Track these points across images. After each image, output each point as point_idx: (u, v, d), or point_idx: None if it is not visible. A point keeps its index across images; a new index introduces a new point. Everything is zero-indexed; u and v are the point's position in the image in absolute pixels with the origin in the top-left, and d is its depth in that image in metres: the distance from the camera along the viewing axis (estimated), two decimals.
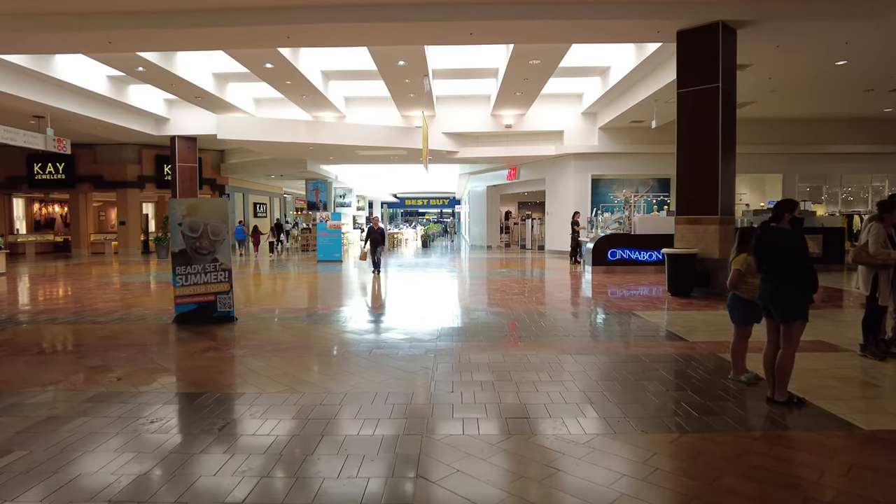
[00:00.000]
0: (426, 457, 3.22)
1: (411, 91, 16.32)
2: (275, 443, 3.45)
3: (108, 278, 13.89)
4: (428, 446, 3.38)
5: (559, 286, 11.62)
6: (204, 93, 16.88)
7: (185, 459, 3.20)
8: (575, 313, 8.23)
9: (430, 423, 3.77)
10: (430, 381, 4.73)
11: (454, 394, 4.37)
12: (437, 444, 3.41)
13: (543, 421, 3.80)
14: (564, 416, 3.85)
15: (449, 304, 9.04)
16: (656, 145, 19.85)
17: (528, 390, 4.45)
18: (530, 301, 9.20)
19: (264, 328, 7.16)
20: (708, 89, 9.66)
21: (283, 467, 3.11)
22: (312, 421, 3.82)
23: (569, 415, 3.89)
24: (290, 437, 3.55)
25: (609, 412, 3.95)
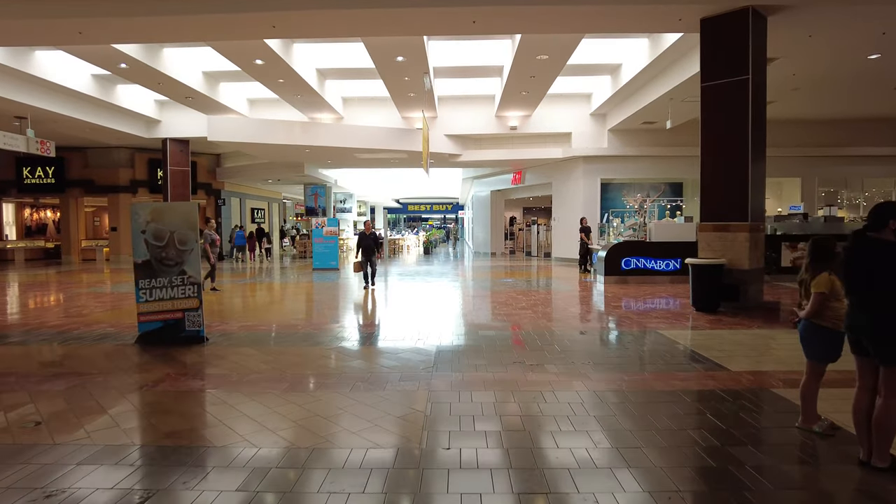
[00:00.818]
0: None
1: (411, 90, 15.45)
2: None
3: (88, 288, 13.02)
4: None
5: (570, 299, 10.67)
6: (194, 93, 16.04)
7: None
8: (591, 332, 7.27)
9: (417, 500, 2.84)
10: (421, 430, 3.79)
11: (450, 452, 3.42)
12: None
13: (570, 498, 2.85)
14: (597, 490, 2.90)
15: (449, 321, 8.09)
16: (669, 147, 18.92)
17: (546, 445, 3.50)
18: (539, 317, 8.26)
19: (236, 352, 6.23)
20: (736, 82, 8.72)
21: None
22: (262, 495, 2.89)
23: (602, 487, 2.94)
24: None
25: (655, 481, 3.00)
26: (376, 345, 6.61)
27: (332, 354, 6.06)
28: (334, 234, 17.48)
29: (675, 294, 10.92)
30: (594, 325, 7.83)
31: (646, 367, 5.38)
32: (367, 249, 12.33)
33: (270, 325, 7.88)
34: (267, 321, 8.18)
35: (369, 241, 12.39)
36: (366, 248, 12.34)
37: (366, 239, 12.40)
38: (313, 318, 8.40)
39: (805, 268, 3.66)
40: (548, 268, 18.16)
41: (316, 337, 6.97)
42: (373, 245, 12.41)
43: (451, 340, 6.68)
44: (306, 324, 7.91)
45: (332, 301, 10.61)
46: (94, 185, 23.43)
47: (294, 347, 6.43)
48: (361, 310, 9.36)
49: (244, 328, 7.62)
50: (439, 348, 6.26)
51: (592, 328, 7.59)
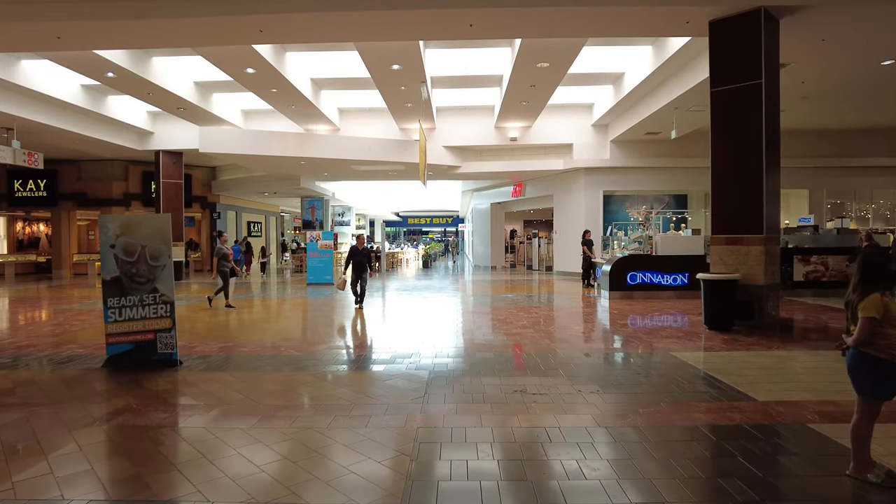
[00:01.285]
0: None
1: (408, 100, 15.04)
2: None
3: (71, 304, 12.47)
4: None
5: (574, 316, 10.11)
6: (186, 103, 15.64)
7: None
8: (597, 354, 6.70)
9: None
10: (405, 481, 3.23)
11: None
12: None
13: None
14: None
15: (444, 341, 7.53)
16: (673, 158, 18.48)
17: (554, 502, 2.95)
18: (542, 336, 7.70)
19: (210, 378, 5.68)
20: (748, 87, 8.24)
21: None
22: None
23: None
24: None
25: None
26: (365, 369, 6.05)
27: (314, 381, 5.50)
28: (329, 248, 16.97)
29: (684, 310, 10.37)
30: (601, 346, 7.27)
31: (661, 396, 4.82)
32: (359, 266, 11.49)
33: (253, 346, 7.33)
34: (249, 342, 7.62)
35: (361, 256, 11.55)
36: (357, 265, 11.51)
37: (357, 254, 11.57)
38: (300, 339, 7.84)
39: (853, 287, 3.13)
40: (550, 282, 17.61)
41: (299, 361, 6.42)
42: (365, 261, 11.57)
43: (446, 364, 6.12)
44: (291, 345, 7.36)
45: (323, 319, 10.06)
46: (87, 198, 23.00)
47: (274, 373, 5.87)
48: (353, 329, 8.80)
49: (224, 350, 7.07)
50: (433, 373, 5.71)
51: (599, 349, 7.03)
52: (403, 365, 6.10)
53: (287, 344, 7.42)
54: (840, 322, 8.87)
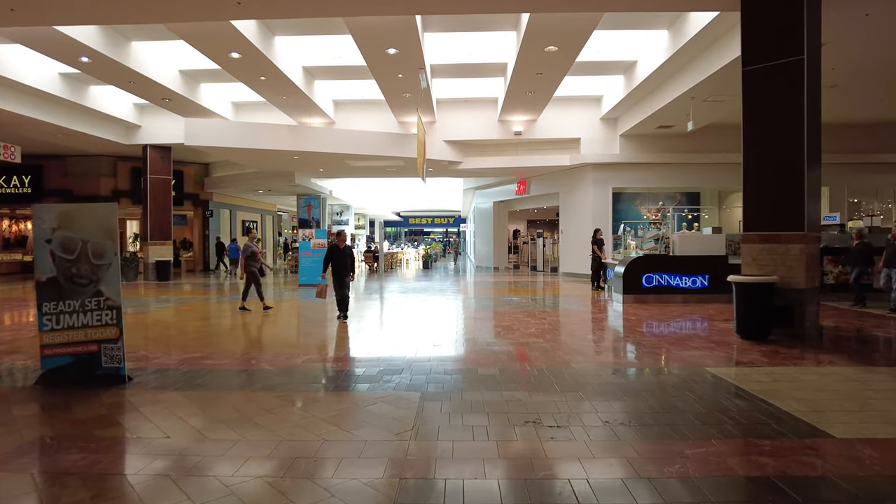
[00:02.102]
0: None
1: (406, 90, 14.09)
2: None
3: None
4: None
5: (587, 322, 9.13)
6: (171, 93, 14.73)
7: None
8: (620, 370, 5.71)
9: None
10: None
11: None
12: None
13: None
14: None
15: (442, 353, 6.55)
16: (686, 154, 17.51)
17: None
18: (553, 347, 6.73)
19: (159, 398, 4.73)
20: (787, 65, 7.26)
21: None
22: None
23: None
24: None
25: None
26: (345, 389, 5.08)
27: (280, 406, 4.53)
28: (323, 247, 16.02)
29: (707, 315, 9.39)
30: (622, 360, 6.28)
31: (710, 430, 3.84)
32: (339, 269, 9.28)
33: (221, 357, 6.37)
34: (218, 352, 6.67)
35: (341, 257, 9.34)
36: (337, 268, 9.30)
37: (337, 254, 9.35)
38: (277, 350, 6.88)
39: None
40: (556, 284, 16.63)
41: (270, 377, 5.45)
42: (346, 263, 9.35)
43: (443, 382, 5.16)
44: (265, 357, 6.40)
45: (309, 325, 9.10)
46: (74, 195, 22.07)
47: (237, 392, 4.92)
48: (339, 337, 7.83)
49: (186, 362, 6.11)
50: (426, 395, 4.74)
51: (621, 364, 6.04)
52: (392, 383, 5.14)
53: (261, 356, 6.46)
54: (889, 330, 7.89)
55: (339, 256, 9.32)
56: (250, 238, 11.23)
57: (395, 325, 8.87)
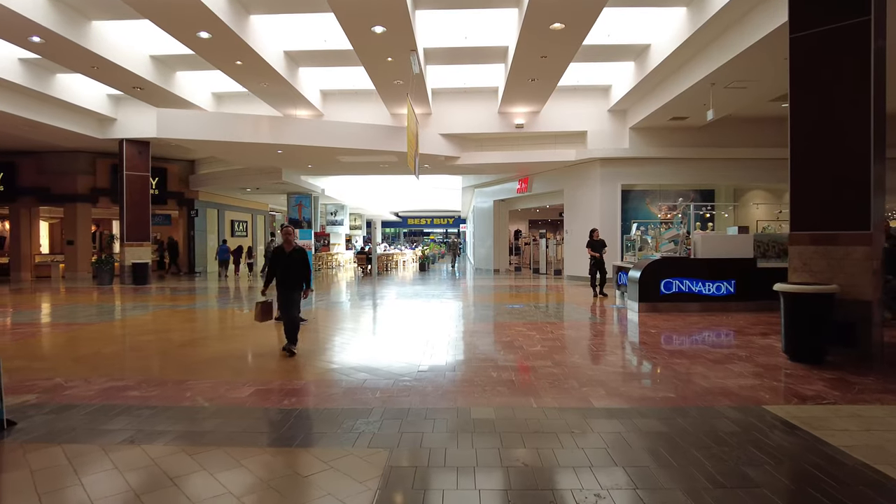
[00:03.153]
0: None
1: (397, 75, 12.84)
2: None
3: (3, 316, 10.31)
4: None
5: (602, 337, 7.85)
6: (142, 81, 13.51)
7: None
8: (658, 413, 4.39)
9: None
10: None
11: None
12: None
13: None
14: None
15: (426, 381, 5.28)
16: (701, 148, 16.26)
17: None
18: (566, 374, 5.45)
19: (40, 455, 3.49)
20: (848, 28, 5.98)
21: None
22: None
23: None
24: None
25: None
26: (290, 441, 3.80)
27: (193, 473, 3.27)
28: (308, 249, 14.74)
29: (738, 328, 8.11)
30: (656, 394, 4.91)
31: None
32: (287, 278, 6.64)
33: (151, 386, 5.11)
34: (152, 378, 5.40)
35: (289, 262, 6.67)
36: (284, 276, 6.65)
37: (283, 259, 6.69)
38: (226, 375, 5.60)
39: None
40: (561, 289, 15.36)
41: (200, 420, 4.19)
42: (302, 272, 6.74)
43: (422, 433, 3.89)
44: (206, 386, 5.13)
45: (273, 342, 7.85)
46: (50, 193, 20.88)
47: (140, 449, 3.64)
48: (303, 361, 6.56)
49: (104, 394, 4.85)
50: (395, 452, 3.48)
51: (655, 400, 4.69)
52: (354, 433, 3.86)
53: (201, 384, 5.20)
54: None
55: (286, 264, 6.63)
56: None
57: (376, 341, 7.60)
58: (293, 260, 6.70)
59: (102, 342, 7.48)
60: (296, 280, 6.68)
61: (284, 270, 6.66)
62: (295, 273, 6.67)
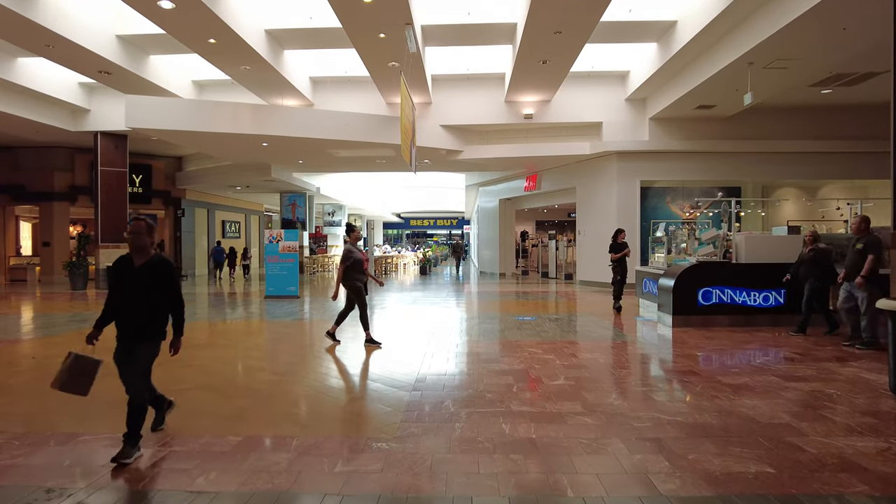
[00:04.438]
0: None
1: (392, 57, 11.40)
2: None
3: None
4: None
5: (638, 364, 6.33)
6: (109, 64, 12.12)
7: None
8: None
9: None
10: None
11: None
12: None
13: None
14: None
15: (411, 447, 3.78)
16: (728, 141, 14.79)
17: None
18: (606, 427, 3.95)
19: None
20: None
21: None
22: None
23: None
24: None
25: None
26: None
27: None
28: (294, 252, 13.31)
29: (803, 351, 6.60)
30: (744, 467, 3.24)
31: None
32: (131, 316, 3.48)
33: (24, 444, 3.65)
34: (32, 432, 3.94)
35: (140, 286, 3.48)
36: (126, 314, 3.50)
37: (127, 278, 3.50)
38: (173, 416, 4.15)
39: None
40: (575, 296, 13.85)
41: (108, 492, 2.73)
42: (150, 302, 3.52)
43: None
44: (92, 446, 3.67)
45: (242, 364, 6.39)
46: (25, 191, 19.54)
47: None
48: (253, 406, 5.08)
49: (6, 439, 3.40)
50: None
51: (746, 479, 3.12)
52: None
53: (93, 442, 3.73)
54: None
55: (131, 288, 3.49)
56: (353, 239, 7.27)
57: (350, 371, 6.12)
58: (143, 281, 3.50)
59: (15, 366, 6.03)
60: (145, 320, 3.49)
61: (128, 300, 3.49)
62: (144, 307, 3.49)
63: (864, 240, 6.71)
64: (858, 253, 6.70)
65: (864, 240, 6.70)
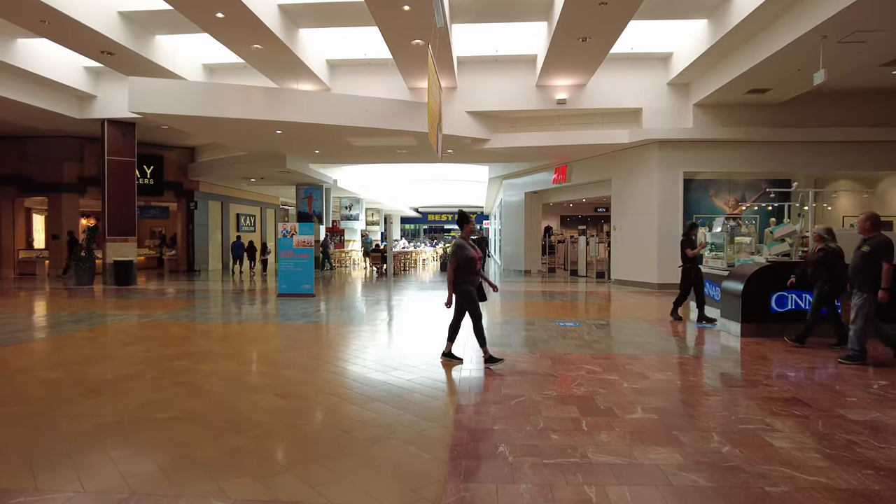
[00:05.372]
0: None
1: (416, 33, 10.34)
2: None
3: None
4: None
5: (725, 389, 5.18)
6: (111, 44, 11.23)
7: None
8: None
9: None
10: None
11: None
12: None
13: None
14: None
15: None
16: (778, 129, 13.55)
17: None
18: (729, 491, 2.90)
19: None
20: None
21: None
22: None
23: None
24: None
25: None
26: None
27: None
28: (309, 247, 12.35)
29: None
30: None
31: None
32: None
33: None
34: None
35: None
36: None
37: None
38: (98, 483, 3.17)
39: None
40: (614, 297, 12.70)
41: None
42: None
43: None
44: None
45: (241, 382, 5.41)
46: (34, 182, 18.86)
47: None
48: (260, 428, 4.07)
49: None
50: None
51: None
52: None
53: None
54: None
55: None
56: (466, 232, 5.88)
57: (370, 392, 5.10)
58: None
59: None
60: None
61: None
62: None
63: (871, 241, 5.77)
64: (864, 256, 5.78)
65: (872, 241, 5.76)
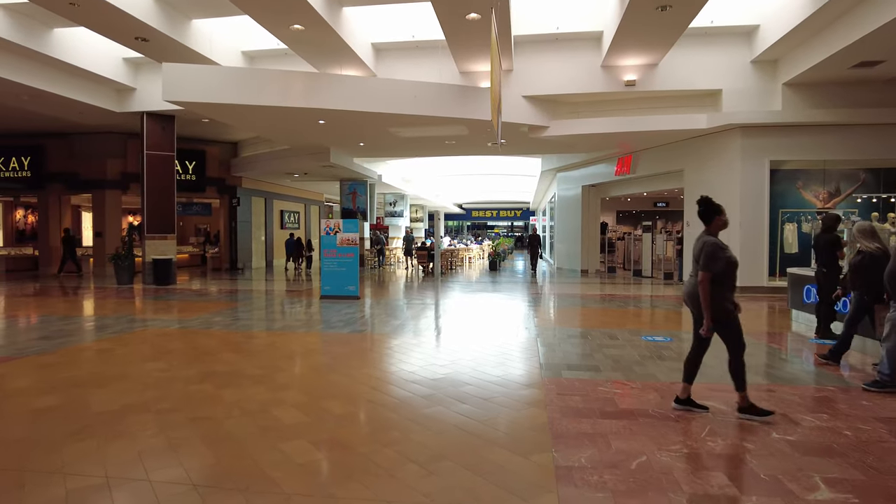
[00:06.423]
0: None
1: (471, 6, 9.13)
2: None
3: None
4: None
5: None
6: (146, 29, 10.52)
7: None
8: None
9: None
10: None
11: None
12: None
13: None
14: None
15: None
16: (886, 109, 11.67)
17: None
18: None
19: None
20: None
21: None
22: None
23: None
24: None
25: None
26: None
27: None
28: (354, 245, 11.37)
29: None
30: None
31: None
32: None
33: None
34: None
35: None
36: None
37: None
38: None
39: None
40: None
41: None
42: None
43: None
44: None
45: (269, 420, 4.39)
46: (79, 179, 18.69)
47: None
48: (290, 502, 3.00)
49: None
50: None
51: None
52: None
53: None
54: None
55: None
56: (715, 226, 4.40)
57: (435, 449, 3.97)
58: None
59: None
60: None
61: None
62: None
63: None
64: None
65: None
